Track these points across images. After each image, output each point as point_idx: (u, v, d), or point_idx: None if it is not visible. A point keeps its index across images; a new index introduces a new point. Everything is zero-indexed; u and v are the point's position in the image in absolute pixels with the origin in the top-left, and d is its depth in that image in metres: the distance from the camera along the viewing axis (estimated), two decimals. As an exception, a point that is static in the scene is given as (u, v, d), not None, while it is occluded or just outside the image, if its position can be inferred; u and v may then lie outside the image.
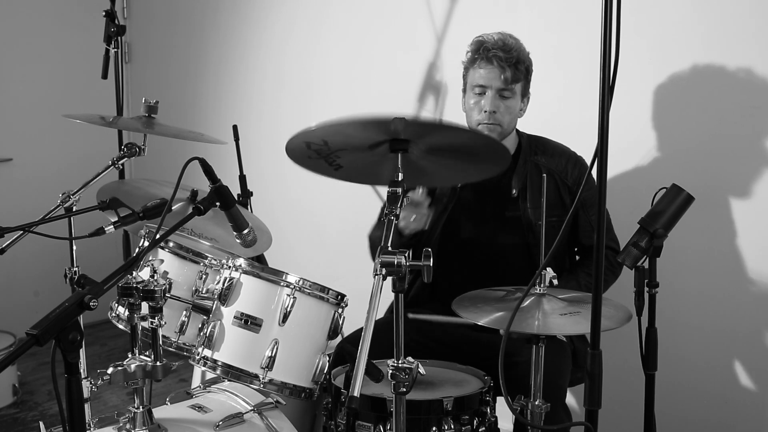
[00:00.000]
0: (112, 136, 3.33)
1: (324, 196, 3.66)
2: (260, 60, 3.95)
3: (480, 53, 2.29)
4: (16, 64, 4.21)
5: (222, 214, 1.94)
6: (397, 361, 1.53)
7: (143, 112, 2.27)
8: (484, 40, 2.31)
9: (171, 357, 1.93)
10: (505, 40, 2.30)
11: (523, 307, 1.82)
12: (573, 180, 2.39)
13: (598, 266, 1.60)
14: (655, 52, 2.63)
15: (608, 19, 1.53)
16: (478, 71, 2.31)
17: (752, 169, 2.50)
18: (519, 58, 2.28)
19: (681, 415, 2.66)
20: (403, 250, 1.50)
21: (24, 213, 2.42)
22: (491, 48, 2.27)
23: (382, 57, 3.42)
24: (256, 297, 1.98)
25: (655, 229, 1.97)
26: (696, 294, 2.64)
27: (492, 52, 2.27)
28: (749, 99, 2.48)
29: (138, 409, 1.86)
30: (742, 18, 2.48)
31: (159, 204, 2.01)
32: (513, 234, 2.37)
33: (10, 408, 3.42)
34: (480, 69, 2.30)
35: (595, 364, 1.61)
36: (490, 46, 2.28)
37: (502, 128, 2.32)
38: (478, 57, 2.30)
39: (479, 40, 2.33)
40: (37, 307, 1.75)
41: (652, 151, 2.67)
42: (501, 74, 2.27)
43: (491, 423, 1.96)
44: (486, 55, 2.28)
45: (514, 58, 2.27)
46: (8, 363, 1.31)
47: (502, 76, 2.27)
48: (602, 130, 1.55)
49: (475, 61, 2.32)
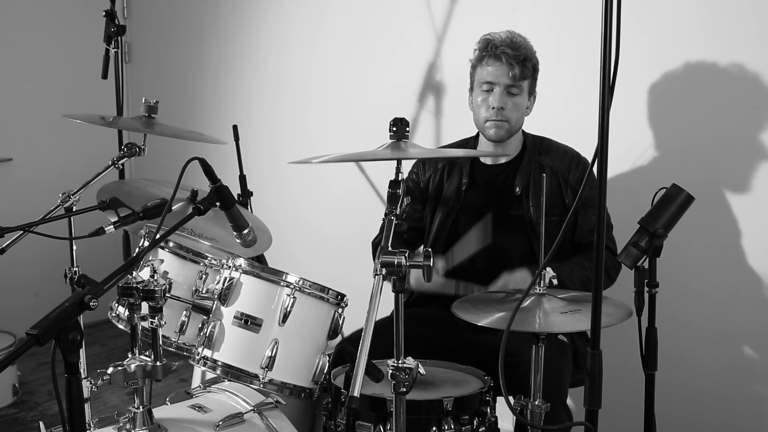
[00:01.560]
0: (112, 136, 3.33)
1: (324, 196, 3.67)
2: (260, 60, 3.95)
3: (488, 50, 2.31)
4: (16, 64, 4.21)
5: (222, 214, 1.93)
6: (397, 361, 1.53)
7: (143, 112, 2.27)
8: (492, 38, 2.33)
9: (171, 357, 1.93)
10: (513, 37, 2.32)
11: (524, 307, 1.82)
12: (575, 180, 2.39)
13: (597, 266, 1.60)
14: (657, 51, 2.63)
15: (608, 19, 1.53)
16: (486, 68, 2.32)
17: (752, 168, 2.50)
18: (527, 56, 2.31)
19: (681, 415, 2.66)
20: (403, 250, 1.51)
21: (24, 213, 2.42)
22: (499, 45, 2.30)
23: (382, 57, 3.42)
24: (256, 297, 1.98)
25: (655, 229, 1.97)
26: (696, 294, 2.64)
27: (500, 49, 2.29)
28: (750, 99, 2.48)
29: (138, 409, 1.86)
30: (744, 18, 2.48)
31: (159, 204, 2.01)
32: (516, 233, 2.38)
33: (10, 408, 3.42)
34: (488, 66, 2.31)
35: (595, 364, 1.61)
36: (498, 43, 2.30)
37: (510, 125, 2.33)
38: (486, 54, 2.32)
39: (487, 38, 2.35)
40: (37, 307, 1.74)
41: (652, 150, 2.67)
42: (509, 71, 2.28)
43: (491, 423, 1.96)
44: (494, 53, 2.30)
45: (522, 56, 2.29)
46: (8, 363, 1.31)
47: (510, 73, 2.28)
48: (602, 130, 1.55)
49: (483, 58, 2.33)
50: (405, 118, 1.69)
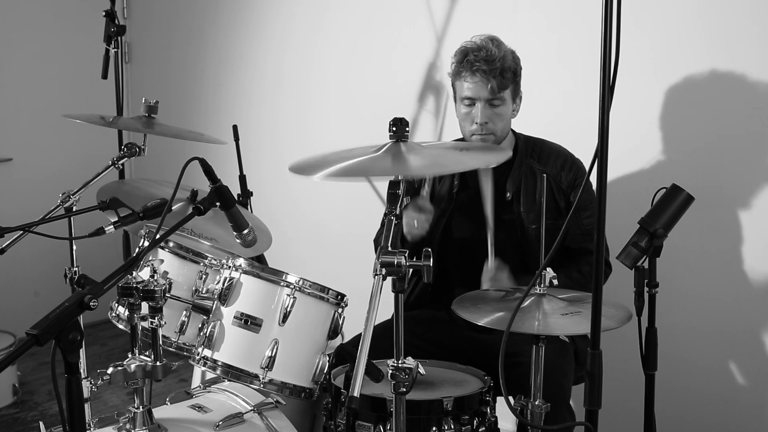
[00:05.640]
0: (112, 136, 3.33)
1: (324, 196, 3.67)
2: (260, 60, 3.95)
3: (464, 65, 2.26)
4: (17, 64, 4.21)
5: (222, 214, 1.93)
6: (397, 361, 1.53)
7: (143, 112, 2.27)
8: (467, 50, 2.26)
9: (171, 357, 1.93)
10: (488, 48, 2.24)
11: (524, 307, 1.82)
12: (567, 183, 2.37)
13: (597, 266, 1.60)
14: (657, 52, 2.63)
15: (608, 20, 1.53)
16: (464, 83, 2.27)
17: (752, 168, 2.50)
18: (503, 66, 2.24)
19: (681, 416, 2.66)
20: (402, 250, 1.50)
21: (24, 213, 2.42)
22: (474, 61, 2.23)
23: (382, 57, 3.42)
24: (256, 297, 1.99)
25: (655, 229, 1.97)
26: (696, 294, 2.64)
27: (476, 65, 2.22)
28: (750, 100, 2.48)
29: (138, 409, 1.86)
30: (744, 20, 2.48)
31: (159, 204, 2.01)
32: (508, 237, 2.36)
33: (10, 408, 3.42)
34: (466, 81, 2.27)
35: (595, 364, 1.61)
36: (473, 58, 2.23)
37: (495, 136, 2.31)
38: (462, 69, 2.27)
39: (462, 50, 2.29)
40: (37, 307, 1.74)
41: (652, 151, 2.67)
42: (487, 84, 2.23)
43: (491, 423, 1.96)
44: (470, 68, 2.24)
45: (498, 68, 2.22)
46: (8, 363, 1.32)
47: (488, 86, 2.23)
48: (602, 131, 1.56)
49: (460, 73, 2.28)
50: (405, 118, 1.69)
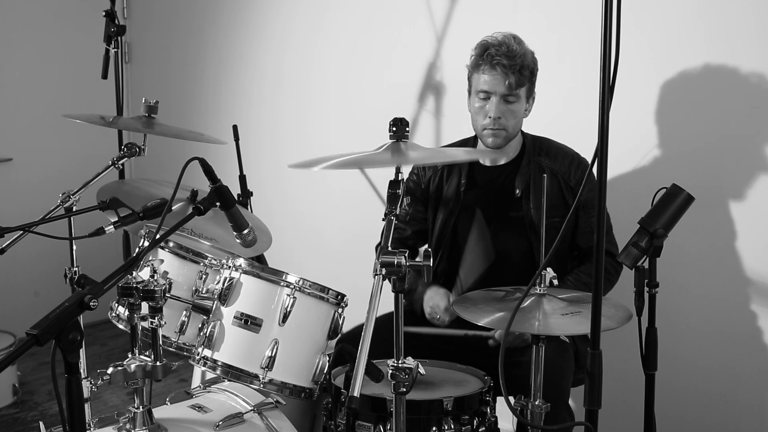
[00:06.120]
0: (112, 136, 3.33)
1: (324, 196, 3.66)
2: (260, 60, 3.95)
3: (484, 59, 2.26)
4: (17, 64, 4.21)
5: (222, 214, 1.93)
6: (397, 361, 1.53)
7: (143, 112, 2.27)
8: (488, 45, 2.27)
9: (171, 357, 1.93)
10: (509, 44, 2.26)
11: (524, 307, 1.82)
12: (576, 181, 2.38)
13: (597, 266, 1.60)
14: (657, 51, 2.63)
15: (608, 19, 1.53)
16: (482, 76, 2.28)
17: (752, 169, 2.50)
18: (523, 64, 2.25)
19: (681, 416, 2.66)
20: (402, 250, 1.51)
21: (24, 213, 2.42)
22: (495, 55, 2.24)
23: (382, 57, 3.42)
24: (256, 297, 1.98)
25: (655, 229, 1.97)
26: (696, 294, 2.64)
27: (496, 59, 2.24)
28: (750, 99, 2.48)
29: (138, 409, 1.85)
30: (745, 18, 2.48)
31: (159, 204, 2.01)
32: (516, 235, 2.37)
33: (10, 408, 3.42)
34: (484, 74, 2.27)
35: (595, 364, 1.61)
36: (494, 52, 2.24)
37: (507, 132, 2.31)
38: (482, 62, 2.27)
39: (483, 44, 2.30)
40: (37, 307, 1.74)
41: (652, 151, 2.67)
42: (505, 80, 2.24)
43: (491, 423, 1.96)
44: (490, 62, 2.25)
45: (518, 65, 2.24)
46: (8, 363, 1.31)
47: (506, 82, 2.24)
48: (602, 131, 1.56)
49: (479, 66, 2.29)
50: (405, 118, 1.69)
